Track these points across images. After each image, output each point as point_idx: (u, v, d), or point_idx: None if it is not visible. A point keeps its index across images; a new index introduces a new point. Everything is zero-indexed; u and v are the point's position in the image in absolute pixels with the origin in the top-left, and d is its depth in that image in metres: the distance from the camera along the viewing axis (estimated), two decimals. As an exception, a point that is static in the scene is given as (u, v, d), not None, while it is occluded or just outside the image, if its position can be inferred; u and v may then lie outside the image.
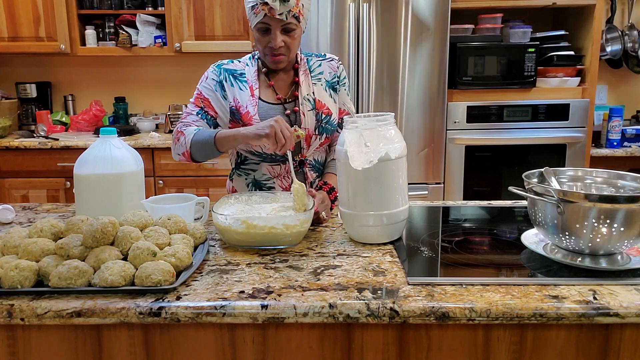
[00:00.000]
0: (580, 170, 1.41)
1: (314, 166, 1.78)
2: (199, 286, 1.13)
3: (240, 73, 1.73)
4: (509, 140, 3.20)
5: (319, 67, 1.78)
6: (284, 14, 1.55)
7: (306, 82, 1.73)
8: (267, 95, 1.72)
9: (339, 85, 1.80)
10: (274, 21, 1.57)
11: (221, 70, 1.73)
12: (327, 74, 1.78)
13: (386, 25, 3.03)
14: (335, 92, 1.78)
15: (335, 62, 1.81)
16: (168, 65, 3.84)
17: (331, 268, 1.23)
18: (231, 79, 1.72)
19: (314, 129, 1.71)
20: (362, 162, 1.33)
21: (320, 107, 1.72)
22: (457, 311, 1.02)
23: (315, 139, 1.72)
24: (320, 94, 1.74)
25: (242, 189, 1.78)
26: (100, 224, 1.17)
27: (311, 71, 1.76)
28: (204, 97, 1.72)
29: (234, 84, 1.71)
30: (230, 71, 1.73)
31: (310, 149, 1.73)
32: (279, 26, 1.58)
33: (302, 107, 1.70)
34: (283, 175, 1.74)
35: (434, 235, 1.47)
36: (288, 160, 1.51)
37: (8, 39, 3.46)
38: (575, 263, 1.20)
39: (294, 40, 1.63)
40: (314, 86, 1.74)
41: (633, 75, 3.69)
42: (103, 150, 1.46)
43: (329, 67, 1.79)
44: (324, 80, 1.76)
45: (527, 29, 3.25)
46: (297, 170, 1.74)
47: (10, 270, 1.09)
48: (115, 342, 1.08)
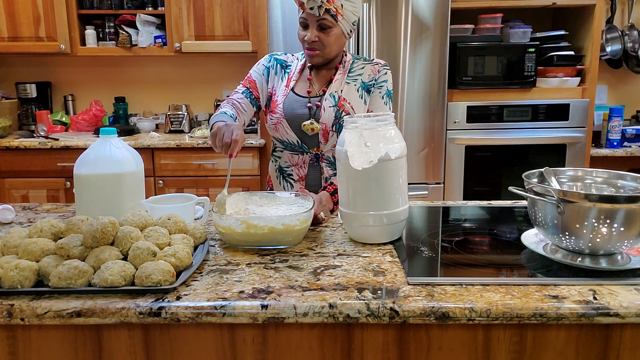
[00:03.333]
0: (580, 170, 1.41)
1: (331, 163, 1.82)
2: (199, 286, 1.13)
3: (287, 65, 1.85)
4: (509, 140, 3.20)
5: (361, 69, 1.81)
6: (315, 9, 1.63)
7: (340, 80, 1.78)
8: (301, 88, 1.81)
9: (374, 88, 1.79)
10: (310, 17, 1.67)
11: (272, 58, 1.86)
12: (366, 75, 1.80)
13: (386, 25, 3.03)
14: (368, 94, 1.79)
15: (379, 66, 1.81)
16: (168, 65, 3.84)
17: (331, 268, 1.23)
18: (278, 67, 1.85)
19: (332, 125, 1.74)
20: (362, 162, 1.33)
21: (342, 105, 1.75)
22: (457, 311, 1.02)
23: (333, 135, 1.76)
24: (349, 92, 1.77)
25: (272, 174, 1.90)
26: (100, 224, 1.17)
27: (351, 72, 1.80)
28: (252, 80, 1.84)
29: (278, 73, 1.84)
30: (280, 61, 1.86)
31: (327, 144, 1.78)
32: (314, 22, 1.67)
33: (325, 102, 1.75)
34: (300, 164, 1.82)
35: (434, 235, 1.47)
36: (228, 168, 1.53)
37: (8, 39, 3.46)
38: (575, 263, 1.20)
39: (328, 37, 1.69)
40: (346, 85, 1.78)
41: (633, 75, 3.69)
42: (103, 150, 1.46)
43: (371, 70, 1.80)
44: (360, 82, 1.79)
45: (527, 29, 3.25)
46: (314, 163, 1.81)
47: (10, 270, 1.09)
48: (115, 342, 1.08)
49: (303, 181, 1.82)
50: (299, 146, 1.79)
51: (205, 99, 3.87)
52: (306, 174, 1.81)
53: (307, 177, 1.81)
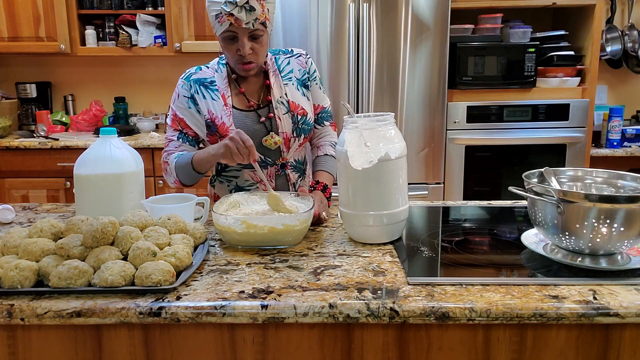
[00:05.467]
0: (580, 170, 1.41)
1: (295, 167, 1.76)
2: (199, 286, 1.13)
3: (210, 81, 1.68)
4: (509, 140, 3.20)
5: (287, 66, 1.74)
6: (251, 23, 1.52)
7: (277, 84, 1.70)
8: (240, 102, 1.69)
9: (310, 82, 1.76)
10: (241, 30, 1.53)
11: (191, 82, 1.68)
12: (297, 71, 1.74)
13: (386, 25, 3.03)
14: (307, 90, 1.75)
15: (304, 57, 1.76)
16: (168, 65, 3.84)
17: (331, 268, 1.23)
18: (202, 90, 1.67)
19: (292, 131, 1.69)
20: (362, 162, 1.33)
21: (295, 109, 1.69)
22: (457, 311, 1.02)
23: (294, 141, 1.70)
24: (293, 94, 1.71)
25: (224, 195, 1.75)
26: (100, 224, 1.17)
27: (280, 71, 1.73)
28: (180, 118, 1.68)
29: (206, 95, 1.66)
30: (200, 81, 1.68)
31: (290, 151, 1.72)
32: (246, 34, 1.55)
33: (276, 112, 1.67)
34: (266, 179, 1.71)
35: (434, 235, 1.47)
36: (257, 171, 1.49)
37: (8, 39, 3.46)
38: (575, 263, 1.20)
39: (262, 46, 1.60)
40: (286, 87, 1.71)
41: (633, 75, 3.69)
42: (103, 150, 1.46)
43: (298, 64, 1.75)
44: (294, 79, 1.73)
45: (527, 29, 3.25)
46: (279, 173, 1.73)
47: (10, 270, 1.09)
48: (115, 342, 1.08)
49: None
50: (262, 162, 1.68)
51: (205, 99, 3.86)
52: (274, 187, 1.71)
53: (274, 189, 1.64)
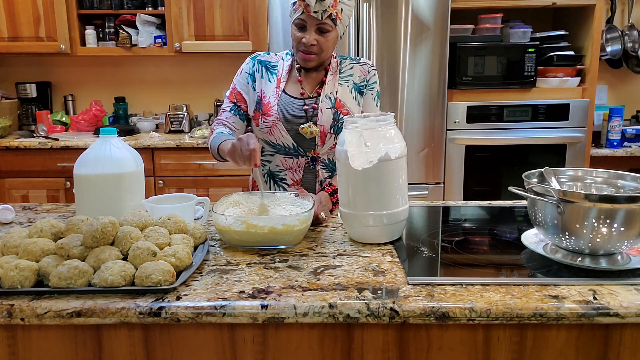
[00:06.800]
0: (580, 170, 1.41)
1: (327, 165, 1.80)
2: (199, 286, 1.13)
3: (273, 65, 1.79)
4: (509, 140, 3.20)
5: (350, 70, 1.80)
6: (320, 13, 1.61)
7: (332, 81, 1.77)
8: (293, 89, 1.76)
9: (366, 90, 1.80)
10: (310, 19, 1.64)
11: (255, 61, 1.80)
12: (357, 77, 1.80)
13: (386, 25, 3.03)
14: (361, 95, 1.80)
15: (368, 67, 1.82)
16: (168, 65, 3.84)
17: (331, 268, 1.23)
18: (263, 70, 1.78)
19: (330, 127, 1.73)
20: (362, 162, 1.33)
21: (339, 107, 1.74)
22: (457, 311, 1.02)
23: (330, 137, 1.75)
24: (344, 94, 1.76)
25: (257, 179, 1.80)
26: (100, 224, 1.17)
27: (341, 73, 1.79)
28: (237, 92, 1.80)
29: (264, 75, 1.78)
30: (264, 62, 1.80)
31: (324, 147, 1.76)
32: (314, 24, 1.65)
33: (321, 104, 1.73)
34: (295, 168, 1.78)
35: (434, 235, 1.47)
36: (256, 177, 1.50)
37: (8, 39, 3.45)
38: (575, 263, 1.20)
39: (327, 42, 1.67)
40: (340, 86, 1.77)
41: (633, 75, 3.69)
42: (103, 150, 1.46)
43: (360, 71, 1.81)
44: (352, 83, 1.79)
45: (527, 29, 3.25)
46: (309, 166, 1.78)
47: (10, 270, 1.09)
48: (115, 342, 1.08)
49: (298, 185, 1.79)
50: (294, 149, 1.75)
51: (205, 99, 3.86)
52: (301, 178, 1.78)
53: (302, 181, 1.78)
